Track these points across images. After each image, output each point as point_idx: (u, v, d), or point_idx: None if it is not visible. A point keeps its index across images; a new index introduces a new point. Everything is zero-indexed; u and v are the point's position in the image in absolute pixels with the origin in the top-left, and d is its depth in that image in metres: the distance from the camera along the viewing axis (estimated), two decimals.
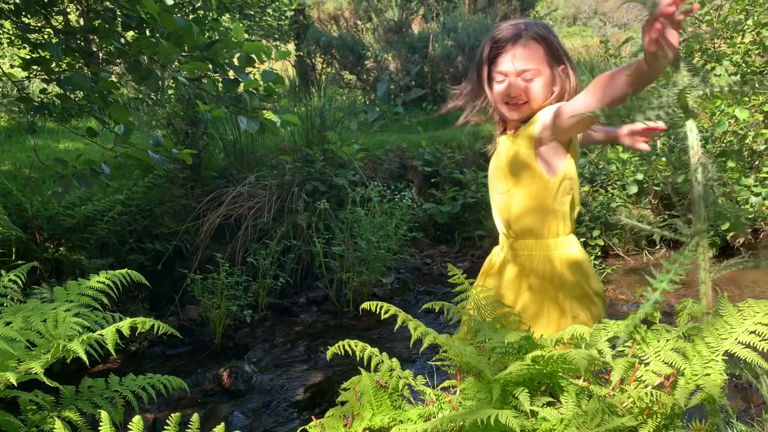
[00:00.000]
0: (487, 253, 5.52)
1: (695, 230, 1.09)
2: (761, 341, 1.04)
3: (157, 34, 2.44)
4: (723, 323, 1.12)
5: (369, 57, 7.55)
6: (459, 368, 1.33)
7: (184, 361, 3.46)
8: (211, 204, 4.20)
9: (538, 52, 1.57)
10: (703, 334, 1.12)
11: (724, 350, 1.07)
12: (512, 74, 1.58)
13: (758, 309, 1.11)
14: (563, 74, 1.61)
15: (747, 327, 1.08)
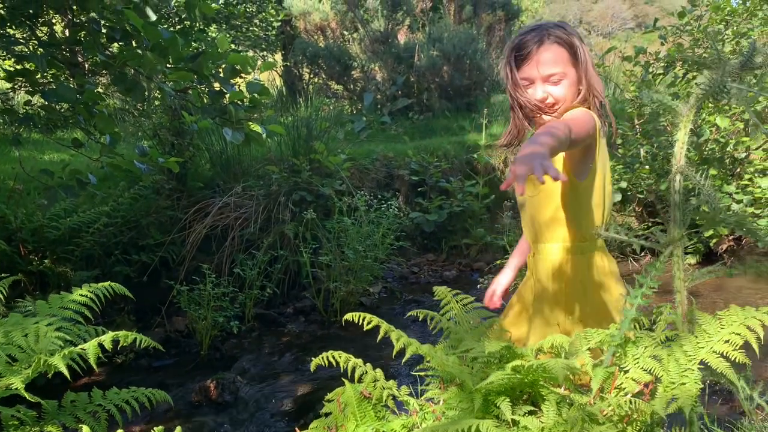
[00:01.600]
0: (475, 261, 5.53)
1: (670, 239, 1.11)
2: (734, 351, 1.05)
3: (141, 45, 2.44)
4: (701, 331, 1.13)
5: (355, 67, 7.57)
6: (442, 378, 1.34)
7: (171, 373, 3.44)
8: (197, 215, 4.18)
9: (563, 55, 1.59)
10: (682, 342, 1.13)
11: (700, 359, 1.09)
12: (539, 79, 1.60)
13: (736, 318, 1.12)
14: (588, 73, 1.63)
15: (722, 336, 1.09)
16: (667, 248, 1.11)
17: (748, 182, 4.42)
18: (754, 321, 1.08)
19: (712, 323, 1.13)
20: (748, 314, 1.10)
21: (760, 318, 1.08)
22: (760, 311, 1.09)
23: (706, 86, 1.05)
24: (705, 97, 1.08)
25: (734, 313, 1.12)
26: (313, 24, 7.75)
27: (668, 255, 1.10)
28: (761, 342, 1.10)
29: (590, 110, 1.61)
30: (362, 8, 7.68)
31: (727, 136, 4.48)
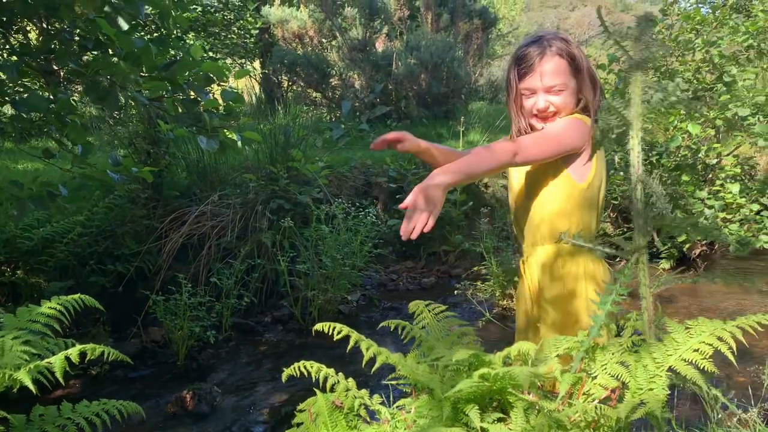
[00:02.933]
0: (453, 267, 5.55)
1: (635, 246, 1.13)
2: (703, 360, 1.07)
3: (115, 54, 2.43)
4: (670, 339, 1.15)
5: (334, 75, 7.58)
6: (414, 386, 1.35)
7: (147, 384, 3.41)
8: (173, 224, 4.15)
9: (563, 66, 1.65)
10: (650, 349, 1.15)
11: (668, 366, 1.11)
12: (541, 90, 1.66)
13: (705, 328, 1.15)
14: (587, 82, 1.69)
15: (692, 345, 1.11)
16: (633, 255, 1.13)
17: (720, 188, 4.50)
18: (725, 333, 1.10)
19: (681, 332, 1.15)
20: (717, 326, 1.12)
21: (730, 330, 1.11)
22: (729, 324, 1.11)
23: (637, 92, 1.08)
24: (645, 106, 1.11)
25: (703, 324, 1.15)
26: (290, 32, 7.75)
27: (635, 262, 1.12)
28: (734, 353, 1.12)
29: (585, 118, 1.68)
30: (340, 16, 7.71)
31: (699, 143, 4.56)
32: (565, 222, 1.69)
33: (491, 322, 3.91)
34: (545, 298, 1.74)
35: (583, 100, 1.69)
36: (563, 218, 1.69)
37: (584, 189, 1.67)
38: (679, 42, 4.70)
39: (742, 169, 4.91)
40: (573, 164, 1.67)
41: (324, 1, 7.43)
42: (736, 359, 1.09)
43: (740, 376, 3.04)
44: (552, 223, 1.71)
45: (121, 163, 2.41)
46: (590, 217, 1.71)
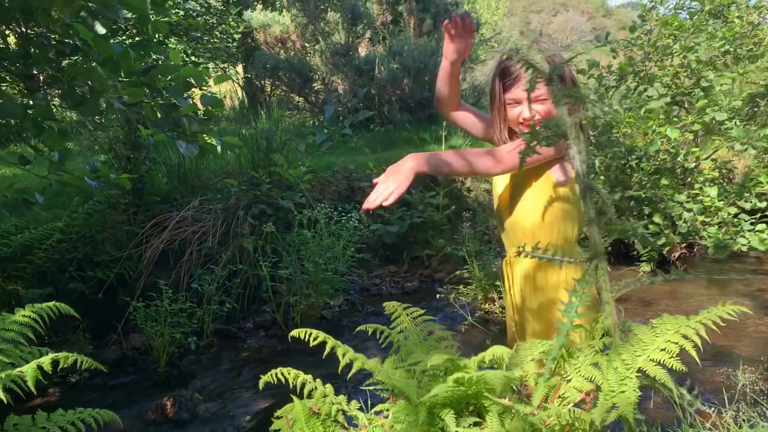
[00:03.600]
0: (436, 271, 5.56)
1: (593, 254, 1.14)
2: (670, 358, 1.09)
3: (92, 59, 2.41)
4: (637, 340, 1.16)
5: (316, 79, 7.58)
6: (392, 391, 1.35)
7: (127, 391, 3.37)
8: (154, 229, 4.12)
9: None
10: (619, 351, 1.16)
11: (638, 367, 1.12)
12: (526, 99, 1.69)
13: (670, 326, 1.16)
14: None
15: (658, 345, 1.13)
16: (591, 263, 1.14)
17: (698, 191, 4.55)
18: (689, 329, 1.12)
19: (647, 332, 1.16)
20: (681, 323, 1.14)
21: (693, 326, 1.12)
22: (692, 320, 1.13)
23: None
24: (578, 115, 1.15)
25: (667, 322, 1.16)
26: (273, 36, 7.74)
27: (594, 269, 1.13)
28: (700, 350, 1.14)
29: None
30: (323, 21, 7.71)
31: (678, 147, 4.61)
32: (546, 230, 1.71)
33: (473, 325, 3.92)
34: (528, 308, 1.76)
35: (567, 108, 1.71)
36: (545, 226, 1.71)
37: (564, 192, 1.72)
38: (658, 47, 4.75)
39: (720, 173, 4.98)
40: (555, 167, 1.71)
41: (306, 6, 7.43)
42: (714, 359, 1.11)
43: (719, 376, 3.07)
44: (534, 229, 1.73)
45: (99, 169, 2.39)
46: (572, 222, 1.73)
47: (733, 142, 4.37)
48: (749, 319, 3.98)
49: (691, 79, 4.66)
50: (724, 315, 1.11)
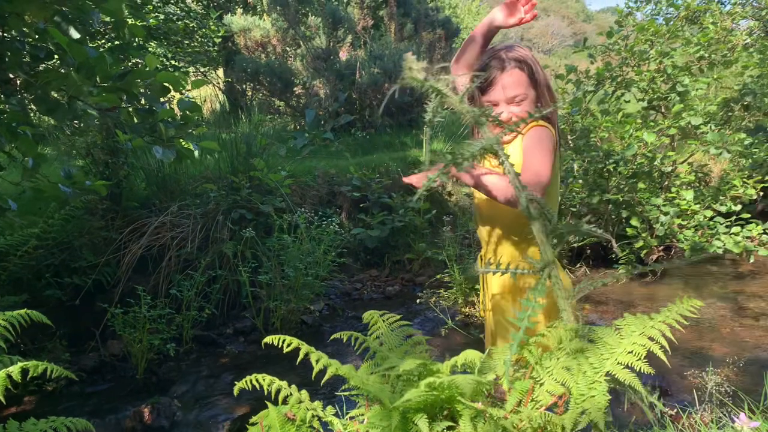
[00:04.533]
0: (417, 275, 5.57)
1: (545, 262, 1.16)
2: (638, 361, 1.10)
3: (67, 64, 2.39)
4: (603, 343, 1.18)
5: (297, 84, 7.57)
6: (367, 397, 1.35)
7: (105, 399, 3.34)
8: (132, 235, 4.09)
9: (523, 78, 1.73)
10: (587, 355, 1.17)
11: (606, 370, 1.13)
12: (503, 102, 1.73)
13: (634, 327, 1.17)
14: (545, 92, 1.77)
15: (625, 347, 1.14)
16: (545, 270, 1.16)
17: (675, 195, 4.61)
18: (654, 330, 1.13)
19: (612, 335, 1.18)
20: (645, 323, 1.15)
21: (657, 327, 1.14)
22: (655, 320, 1.14)
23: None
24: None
25: (631, 323, 1.18)
26: (253, 40, 7.72)
27: (546, 276, 1.15)
28: (668, 351, 1.15)
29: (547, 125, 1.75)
30: (303, 25, 7.70)
31: (655, 151, 4.67)
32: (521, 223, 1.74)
33: (454, 329, 3.94)
34: (502, 311, 1.78)
35: (542, 108, 1.75)
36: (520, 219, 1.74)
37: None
38: (635, 52, 4.82)
39: (696, 177, 5.05)
40: None
41: (287, 10, 7.42)
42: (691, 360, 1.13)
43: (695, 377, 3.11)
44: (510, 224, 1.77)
45: (74, 175, 2.36)
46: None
47: (708, 146, 4.44)
48: (725, 320, 4.04)
49: (667, 84, 4.73)
50: (685, 312, 1.13)
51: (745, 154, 4.81)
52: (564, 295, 1.18)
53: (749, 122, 5.40)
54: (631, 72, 4.90)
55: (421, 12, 8.72)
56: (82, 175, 2.42)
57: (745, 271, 5.19)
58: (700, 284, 4.86)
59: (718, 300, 4.47)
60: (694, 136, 4.83)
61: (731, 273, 5.22)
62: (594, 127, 4.66)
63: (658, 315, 1.15)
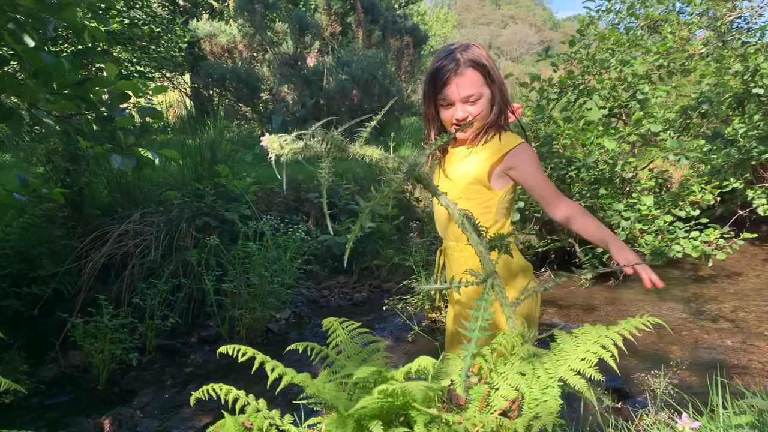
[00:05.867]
0: (385, 281, 5.57)
1: (486, 273, 1.18)
2: (590, 368, 1.13)
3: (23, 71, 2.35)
4: (560, 349, 1.20)
5: (264, 89, 7.54)
6: (325, 405, 1.35)
7: (65, 411, 3.27)
8: (94, 243, 4.02)
9: (477, 77, 1.74)
10: (543, 360, 1.20)
11: (559, 376, 1.15)
12: (458, 101, 1.75)
13: (590, 336, 1.20)
14: (500, 91, 1.80)
15: (578, 354, 1.17)
16: (487, 281, 1.18)
17: (636, 200, 4.70)
18: (607, 340, 1.16)
19: (569, 341, 1.20)
20: (601, 333, 1.18)
21: (612, 337, 1.16)
22: (611, 330, 1.17)
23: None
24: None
25: (588, 332, 1.20)
26: (219, 46, 7.67)
27: (490, 287, 1.17)
28: (617, 360, 1.18)
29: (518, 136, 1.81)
30: (270, 31, 7.68)
31: (616, 157, 4.76)
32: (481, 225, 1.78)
33: (420, 335, 3.96)
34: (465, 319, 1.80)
35: (496, 108, 1.78)
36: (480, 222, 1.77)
37: (501, 196, 1.79)
38: (596, 61, 4.91)
39: (657, 183, 5.16)
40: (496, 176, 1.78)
41: (253, 16, 7.39)
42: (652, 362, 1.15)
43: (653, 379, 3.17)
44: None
45: (29, 183, 2.32)
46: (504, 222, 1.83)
47: (667, 152, 4.54)
48: (685, 323, 4.13)
49: (627, 91, 4.83)
50: (640, 326, 1.16)
51: (704, 161, 4.93)
52: (508, 303, 1.20)
53: (707, 129, 5.55)
54: (592, 80, 5.00)
55: (389, 19, 8.77)
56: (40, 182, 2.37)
57: (704, 274, 5.33)
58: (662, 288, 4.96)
59: (678, 303, 4.57)
60: (654, 143, 4.94)
61: (691, 276, 5.34)
62: (557, 134, 4.73)
63: (614, 326, 1.18)
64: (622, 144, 4.71)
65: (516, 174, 1.77)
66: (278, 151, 1.11)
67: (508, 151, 1.75)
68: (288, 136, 1.10)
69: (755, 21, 6.35)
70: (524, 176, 1.76)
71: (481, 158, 1.79)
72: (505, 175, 1.78)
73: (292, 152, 1.13)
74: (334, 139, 1.11)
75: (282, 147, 1.11)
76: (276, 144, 1.10)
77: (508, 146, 1.76)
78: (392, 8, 9.11)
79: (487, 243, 1.22)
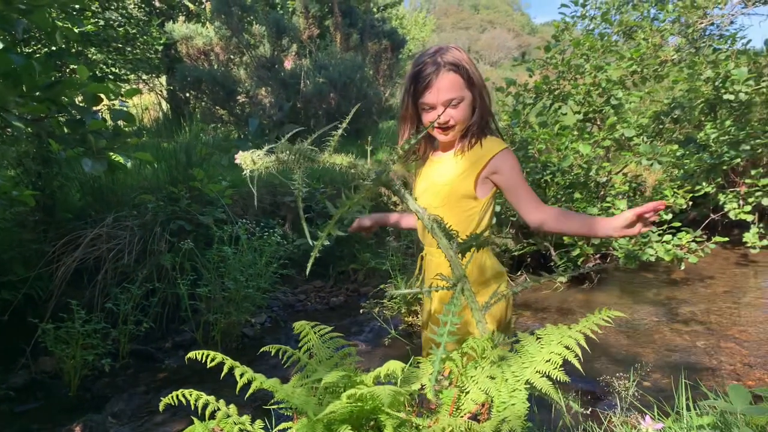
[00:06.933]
0: (362, 285, 5.56)
1: (456, 277, 1.19)
2: (555, 369, 1.14)
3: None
4: (525, 352, 1.21)
5: (241, 92, 7.50)
6: (296, 410, 1.35)
7: (36, 418, 3.21)
8: (66, 247, 3.96)
9: (458, 80, 1.74)
10: (510, 363, 1.20)
11: (525, 379, 1.16)
12: (439, 104, 1.75)
13: (553, 337, 1.21)
14: (481, 93, 1.80)
15: (543, 356, 1.18)
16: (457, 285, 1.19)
17: (610, 204, 4.76)
18: (570, 340, 1.17)
19: (533, 343, 1.21)
20: (563, 333, 1.19)
21: (574, 336, 1.18)
22: (573, 329, 1.18)
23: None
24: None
25: (551, 333, 1.21)
26: (195, 48, 7.62)
27: (460, 291, 1.18)
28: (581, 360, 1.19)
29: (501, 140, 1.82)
30: (247, 33, 7.64)
31: (590, 162, 4.81)
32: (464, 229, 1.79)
33: (397, 338, 3.96)
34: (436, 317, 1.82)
35: (477, 111, 1.79)
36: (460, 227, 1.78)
37: (484, 203, 1.80)
38: (571, 66, 4.97)
39: (631, 187, 5.23)
40: (480, 183, 1.79)
41: (230, 19, 7.35)
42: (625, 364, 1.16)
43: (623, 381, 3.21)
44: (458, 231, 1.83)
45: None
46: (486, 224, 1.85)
47: (641, 157, 4.61)
48: (658, 325, 4.19)
49: (602, 97, 4.89)
50: (600, 322, 1.17)
51: (677, 165, 5.01)
52: (478, 307, 1.20)
53: (680, 134, 5.64)
54: (567, 85, 5.05)
55: (367, 22, 8.79)
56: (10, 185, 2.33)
57: (677, 277, 5.40)
58: (635, 291, 5.03)
59: (652, 305, 4.63)
60: (628, 148, 5.01)
61: (664, 280, 5.42)
62: (532, 138, 4.77)
63: (576, 325, 1.19)
64: (596, 149, 4.77)
65: (499, 178, 1.78)
66: (251, 167, 1.12)
67: (492, 157, 1.77)
68: (259, 152, 1.11)
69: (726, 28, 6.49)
70: (507, 180, 1.77)
71: (465, 170, 1.79)
72: (488, 180, 1.79)
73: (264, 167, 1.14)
74: (302, 151, 1.11)
75: (254, 162, 1.12)
76: (249, 160, 1.11)
77: (492, 151, 1.77)
78: (370, 12, 9.13)
79: (458, 247, 1.23)
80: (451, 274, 1.82)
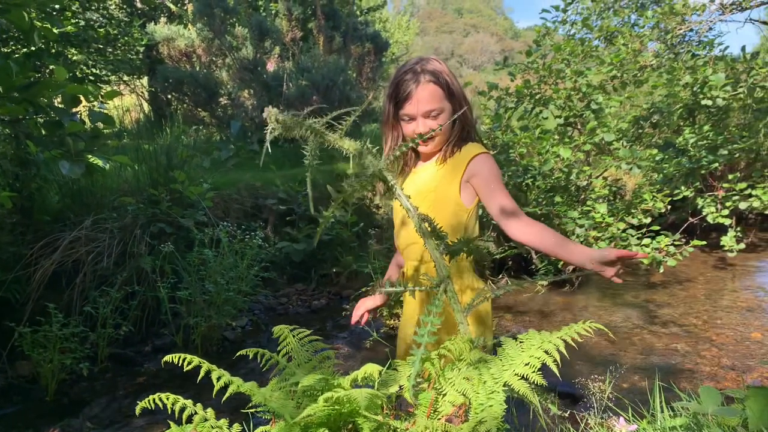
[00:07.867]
0: (344, 288, 5.56)
1: (440, 279, 1.20)
2: (533, 373, 1.15)
3: None
4: (505, 355, 1.22)
5: (223, 94, 7.46)
6: (274, 413, 1.34)
7: (12, 423, 3.17)
8: (45, 250, 3.91)
9: (438, 92, 1.75)
10: (489, 365, 1.21)
11: (504, 381, 1.17)
12: (419, 115, 1.75)
13: (534, 341, 1.22)
14: (461, 104, 1.80)
15: (523, 359, 1.19)
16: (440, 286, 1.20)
17: (590, 208, 4.81)
18: (550, 345, 1.18)
19: (514, 347, 1.22)
20: (544, 338, 1.20)
21: (555, 342, 1.19)
22: (554, 336, 1.19)
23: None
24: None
25: (532, 338, 1.22)
26: (177, 50, 7.57)
27: (443, 291, 1.18)
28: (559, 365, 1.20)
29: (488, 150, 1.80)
30: (230, 35, 7.61)
31: (571, 166, 4.86)
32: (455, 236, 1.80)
33: (379, 341, 3.96)
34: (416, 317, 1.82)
35: (459, 121, 1.80)
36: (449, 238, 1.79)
37: (470, 211, 1.79)
38: (552, 71, 5.01)
39: (611, 191, 5.29)
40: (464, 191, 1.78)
41: (212, 20, 7.32)
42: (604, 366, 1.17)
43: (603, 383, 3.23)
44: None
45: None
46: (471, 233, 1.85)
47: (620, 161, 4.66)
48: (638, 328, 4.23)
49: (582, 101, 4.94)
50: (582, 332, 1.18)
51: (656, 169, 5.07)
52: (460, 308, 1.21)
53: (659, 139, 5.71)
54: (548, 90, 5.09)
55: (350, 25, 8.79)
56: None
57: (656, 281, 5.47)
58: (615, 294, 5.08)
59: (631, 308, 4.68)
60: (608, 152, 5.06)
61: (644, 282, 5.48)
62: (513, 142, 4.80)
63: (557, 332, 1.20)
64: (577, 153, 4.81)
65: (477, 182, 1.77)
66: (275, 125, 1.15)
67: (470, 160, 1.77)
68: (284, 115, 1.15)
69: (704, 35, 6.58)
70: (483, 184, 1.76)
71: (448, 175, 1.79)
72: (469, 185, 1.79)
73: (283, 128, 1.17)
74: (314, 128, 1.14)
75: (278, 122, 1.15)
76: (273, 117, 1.14)
77: (470, 154, 1.77)
78: (353, 15, 9.14)
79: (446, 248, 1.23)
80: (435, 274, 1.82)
